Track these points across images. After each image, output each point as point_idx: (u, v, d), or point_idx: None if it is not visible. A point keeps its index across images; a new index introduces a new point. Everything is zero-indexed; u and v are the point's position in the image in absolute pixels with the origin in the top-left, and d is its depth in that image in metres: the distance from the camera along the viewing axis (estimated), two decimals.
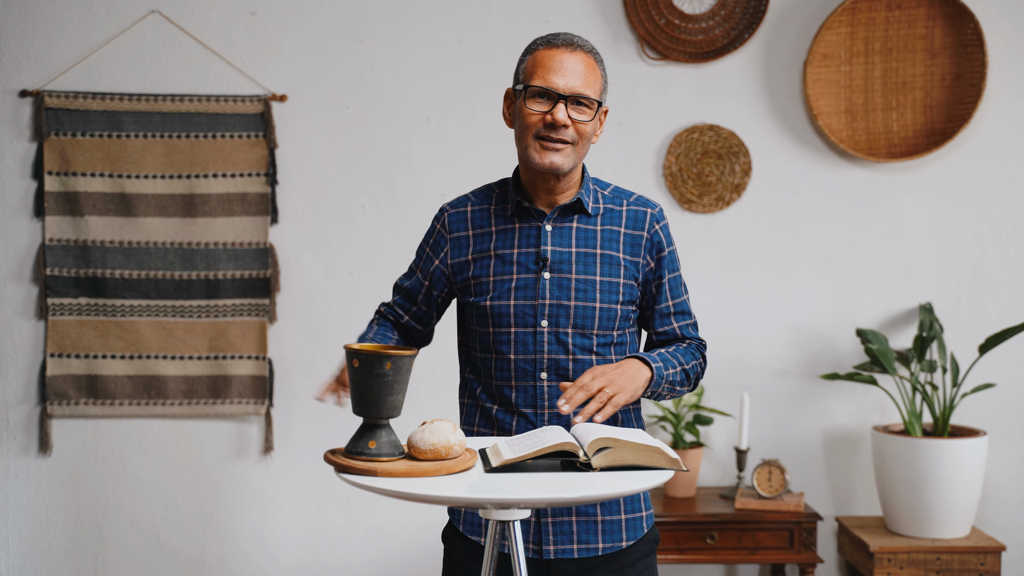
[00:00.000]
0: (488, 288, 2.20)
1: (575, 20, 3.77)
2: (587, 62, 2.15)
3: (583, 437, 1.92)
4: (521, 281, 2.18)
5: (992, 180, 3.81)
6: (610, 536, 2.19)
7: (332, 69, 3.77)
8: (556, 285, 2.18)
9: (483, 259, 2.22)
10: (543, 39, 2.17)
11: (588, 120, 2.15)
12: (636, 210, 2.25)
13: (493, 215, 2.25)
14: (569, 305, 2.17)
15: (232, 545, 3.82)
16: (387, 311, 2.35)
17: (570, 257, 2.19)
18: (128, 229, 3.72)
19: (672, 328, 2.27)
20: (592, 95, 2.14)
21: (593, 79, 2.15)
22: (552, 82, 2.12)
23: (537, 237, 2.20)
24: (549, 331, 2.17)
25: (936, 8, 3.71)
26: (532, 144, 2.14)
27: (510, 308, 2.18)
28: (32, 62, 3.71)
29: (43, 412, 3.74)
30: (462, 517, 2.23)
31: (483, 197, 2.28)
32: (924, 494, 3.50)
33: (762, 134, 3.80)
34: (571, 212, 2.22)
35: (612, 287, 2.19)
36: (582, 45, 2.16)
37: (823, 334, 3.83)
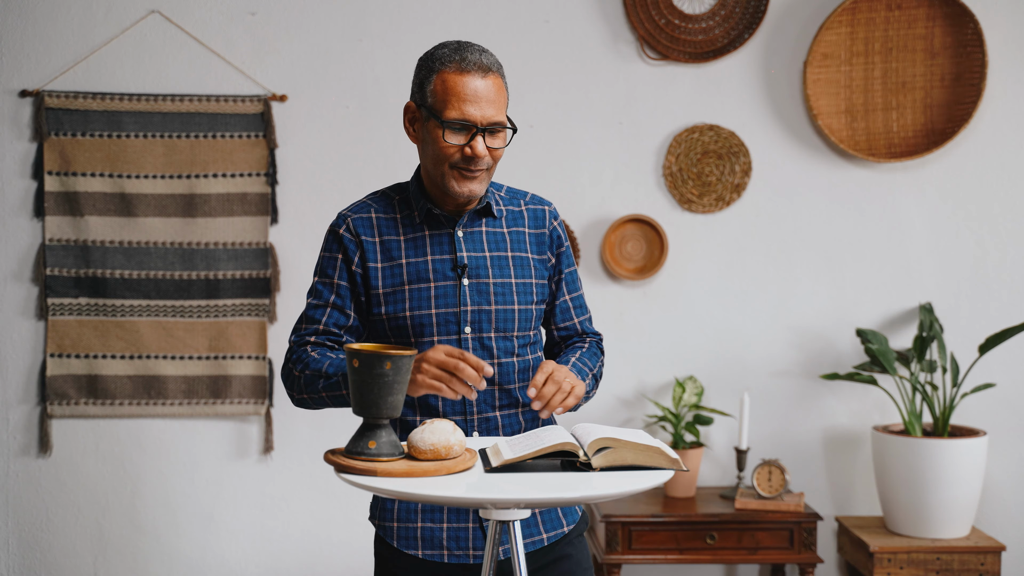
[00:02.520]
0: (404, 297, 2.16)
1: (575, 20, 3.77)
2: (497, 84, 2.09)
3: (583, 437, 1.92)
4: (440, 289, 2.16)
5: (992, 180, 3.81)
6: (551, 524, 2.20)
7: (332, 69, 3.78)
8: (476, 291, 2.17)
9: (393, 268, 2.17)
10: (449, 59, 2.09)
11: (503, 145, 2.13)
12: (535, 208, 2.27)
13: (400, 223, 2.20)
14: (490, 310, 2.17)
15: (232, 545, 3.82)
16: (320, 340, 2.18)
17: (485, 262, 2.19)
18: (128, 229, 3.72)
19: (572, 323, 2.30)
20: (504, 120, 2.11)
21: (502, 99, 2.11)
22: (469, 114, 2.06)
23: (451, 243, 2.18)
24: (473, 337, 2.16)
25: (936, 8, 3.71)
26: (449, 173, 2.11)
27: (432, 317, 2.15)
28: (32, 62, 3.71)
29: (43, 412, 3.74)
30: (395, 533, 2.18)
31: (384, 204, 2.22)
32: (924, 494, 3.50)
33: (762, 134, 3.80)
34: (478, 216, 2.21)
35: (527, 288, 2.20)
36: (490, 66, 2.09)
37: (823, 334, 3.83)
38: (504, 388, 2.19)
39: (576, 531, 2.25)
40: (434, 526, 2.16)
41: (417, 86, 2.15)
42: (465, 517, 2.16)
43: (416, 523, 2.17)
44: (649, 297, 3.83)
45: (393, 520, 2.19)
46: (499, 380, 2.17)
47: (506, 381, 2.19)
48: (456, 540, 2.15)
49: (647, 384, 3.83)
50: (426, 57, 2.15)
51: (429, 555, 2.16)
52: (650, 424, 3.81)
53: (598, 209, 3.80)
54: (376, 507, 2.22)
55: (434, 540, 2.16)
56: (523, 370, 2.21)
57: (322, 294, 2.20)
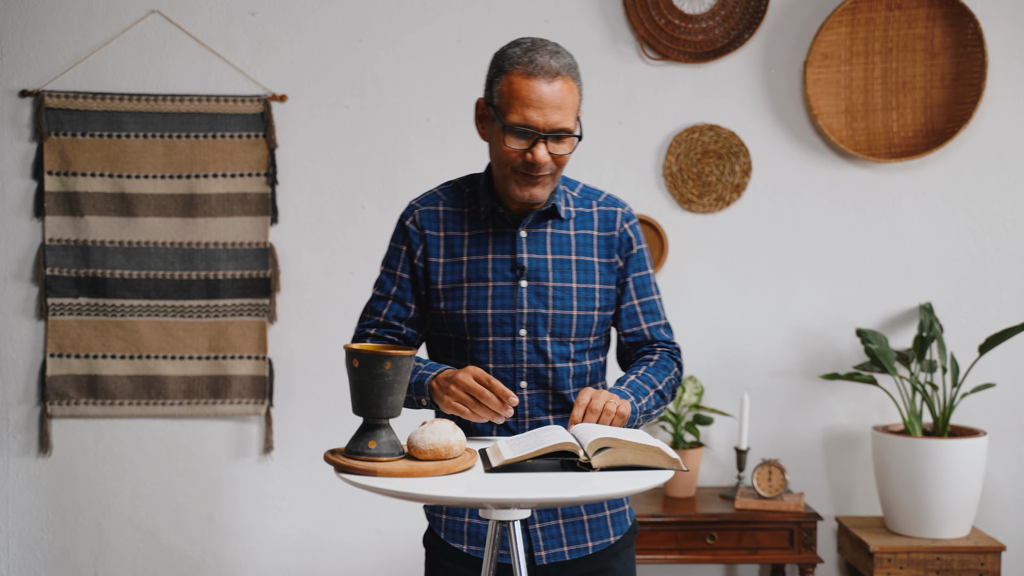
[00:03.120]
0: (462, 295, 2.16)
1: (575, 20, 3.77)
2: (565, 87, 2.04)
3: (583, 437, 1.92)
4: (498, 289, 2.15)
5: (992, 180, 3.81)
6: (598, 533, 2.19)
7: (332, 69, 3.78)
8: (533, 293, 2.15)
9: (454, 264, 2.17)
10: (519, 60, 2.04)
11: (569, 151, 2.08)
12: (607, 210, 2.22)
13: (465, 218, 2.19)
14: (547, 313, 2.14)
15: (232, 545, 3.82)
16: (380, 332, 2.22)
17: (546, 264, 2.16)
18: (128, 229, 3.72)
19: (641, 329, 2.23)
20: (572, 125, 2.06)
21: (572, 103, 2.05)
22: (532, 120, 2.02)
23: (512, 244, 2.16)
24: (528, 340, 2.14)
25: (936, 8, 3.71)
26: (511, 176, 2.08)
27: (487, 317, 2.14)
28: (32, 62, 3.71)
29: (43, 412, 3.74)
30: (443, 525, 2.21)
31: (453, 197, 2.21)
32: (924, 494, 3.50)
33: (762, 134, 3.80)
34: (544, 217, 2.18)
35: (588, 293, 2.17)
36: (560, 70, 2.04)
37: (823, 334, 3.83)
38: (557, 393, 2.17)
39: (623, 542, 2.22)
40: (480, 523, 2.16)
41: (487, 84, 2.11)
42: None
43: (464, 518, 2.18)
44: None
45: (443, 512, 2.20)
46: (553, 384, 2.16)
47: (560, 386, 2.16)
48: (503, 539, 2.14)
49: None
50: (498, 55, 2.10)
51: (474, 551, 2.16)
52: (650, 424, 3.81)
53: None
54: None
55: (480, 536, 2.16)
56: (578, 376, 2.18)
57: (384, 285, 2.22)
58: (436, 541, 2.23)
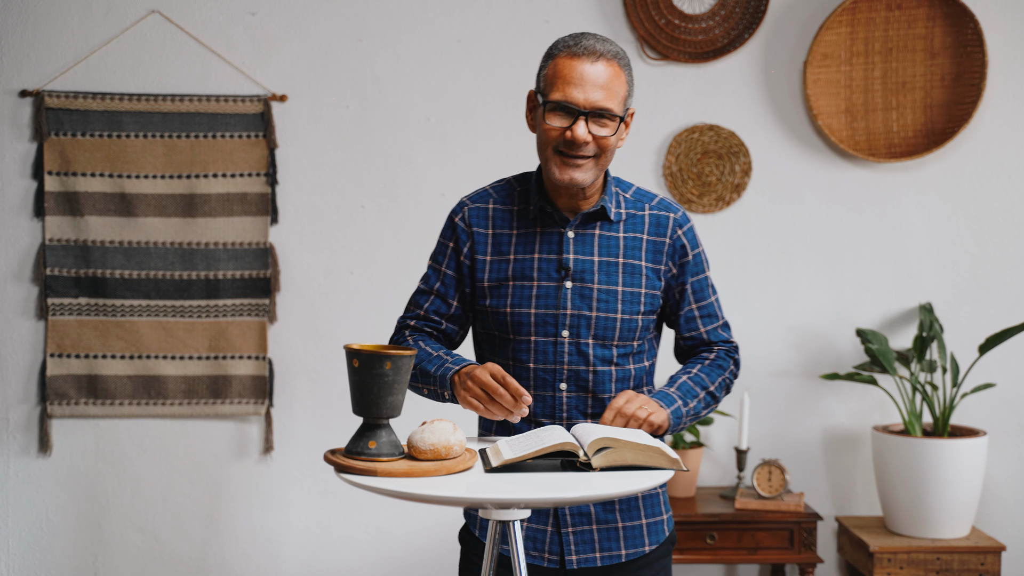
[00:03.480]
0: (507, 293, 2.15)
1: (575, 20, 3.77)
2: (611, 71, 2.04)
3: (583, 437, 1.92)
4: (542, 289, 2.14)
5: (992, 180, 3.81)
6: (633, 542, 2.16)
7: (332, 69, 3.78)
8: (578, 295, 2.13)
9: (501, 262, 2.17)
10: (564, 44, 2.07)
11: (610, 134, 2.06)
12: (659, 215, 2.19)
13: (515, 216, 2.18)
14: (591, 316, 2.13)
15: (232, 545, 3.82)
16: (420, 324, 2.23)
17: (592, 266, 2.14)
18: (128, 229, 3.72)
19: (699, 333, 2.22)
20: (615, 108, 2.05)
21: (617, 88, 2.05)
22: (572, 96, 2.03)
23: (559, 244, 2.15)
24: (570, 341, 2.13)
25: (936, 8, 3.71)
26: (552, 158, 2.07)
27: (530, 316, 2.13)
28: (32, 62, 3.71)
29: (43, 412, 3.74)
30: (478, 522, 2.21)
31: (504, 195, 2.21)
32: (924, 494, 3.50)
33: (762, 134, 3.80)
34: (594, 218, 2.16)
35: (634, 297, 2.15)
36: (604, 53, 2.05)
37: (823, 334, 3.83)
38: (598, 396, 2.15)
39: (659, 552, 2.20)
40: None
41: (536, 75, 2.13)
42: (545, 519, 2.14)
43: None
44: None
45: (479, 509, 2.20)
46: (593, 388, 2.15)
47: (601, 390, 2.15)
48: (533, 541, 2.14)
49: None
50: (549, 47, 2.13)
51: (506, 551, 2.15)
52: None
53: None
54: None
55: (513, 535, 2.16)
56: (621, 380, 2.17)
57: (429, 280, 2.23)
58: (471, 538, 2.22)
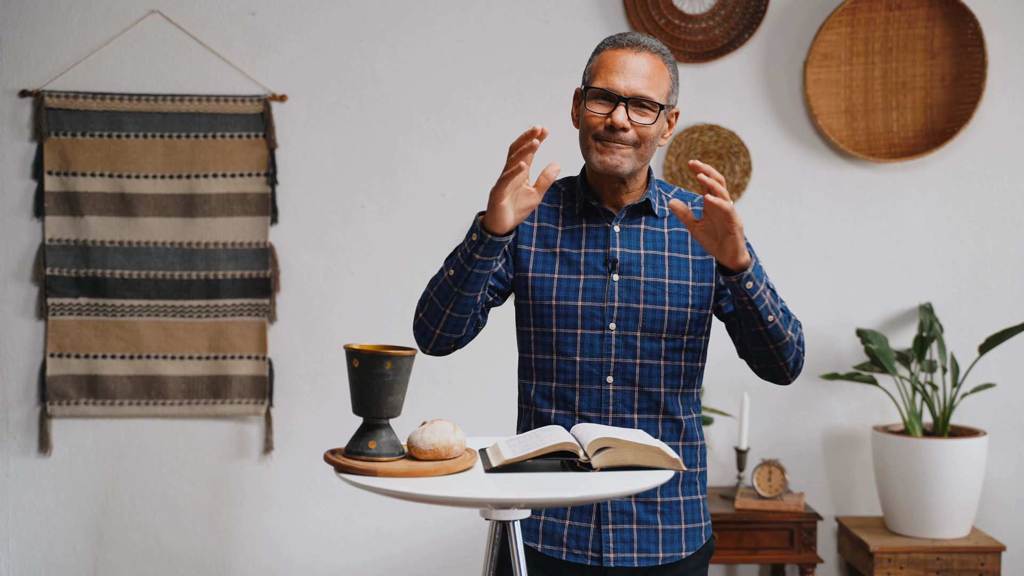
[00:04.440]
0: (553, 287, 2.15)
1: (575, 20, 3.77)
2: (653, 63, 2.10)
3: (583, 437, 1.92)
4: (589, 282, 2.14)
5: (992, 180, 3.81)
6: (670, 546, 2.16)
7: (332, 69, 3.78)
8: (625, 287, 2.14)
9: (547, 255, 2.17)
10: (611, 39, 2.13)
11: (650, 123, 2.09)
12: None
13: (560, 213, 2.20)
14: (638, 308, 2.13)
15: (232, 545, 3.82)
16: None
17: (639, 259, 2.15)
18: (128, 229, 3.72)
19: None
20: (655, 97, 2.09)
21: (659, 80, 2.10)
22: (613, 83, 2.08)
23: (605, 238, 2.16)
24: (617, 334, 2.13)
25: (936, 8, 3.71)
26: (592, 145, 2.11)
27: (577, 309, 2.13)
28: (32, 62, 3.71)
29: (43, 412, 3.74)
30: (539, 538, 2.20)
31: (549, 194, 2.23)
32: (924, 494, 3.50)
33: (762, 134, 3.80)
34: (639, 213, 2.18)
35: (682, 290, 2.15)
36: (648, 46, 2.10)
37: (823, 334, 3.83)
38: (645, 391, 2.15)
39: (696, 560, 2.19)
40: (556, 521, 2.15)
41: (584, 72, 2.18)
42: (588, 516, 2.14)
43: (540, 516, 2.16)
44: None
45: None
46: (640, 382, 2.14)
47: (648, 384, 2.15)
48: (576, 539, 2.13)
49: None
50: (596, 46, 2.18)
51: (548, 550, 2.15)
52: None
53: None
54: None
55: (554, 536, 2.15)
56: (670, 375, 2.16)
57: None
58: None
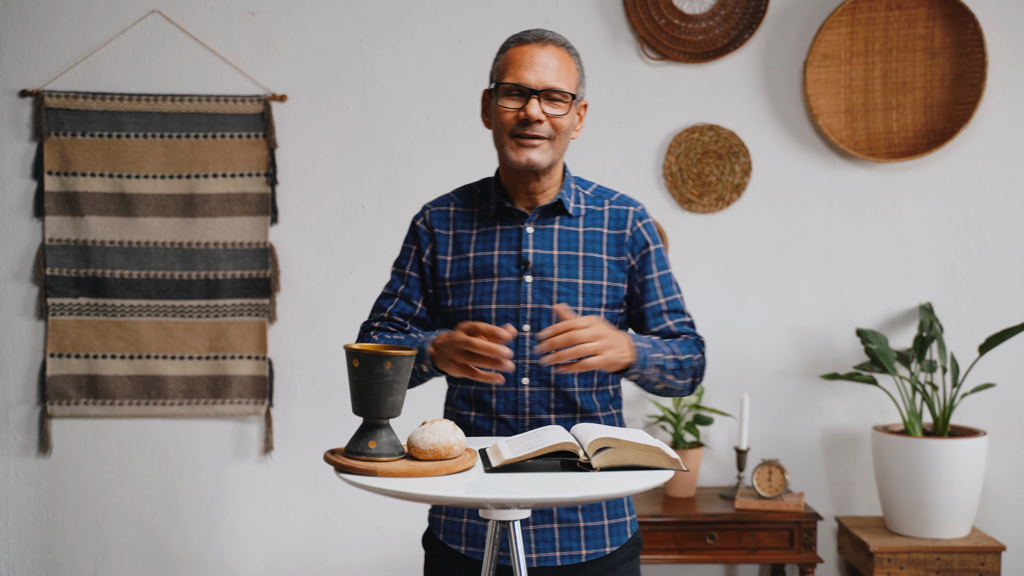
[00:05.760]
0: (468, 291, 2.16)
1: (575, 20, 3.77)
2: (560, 55, 2.12)
3: (583, 437, 1.92)
4: (502, 285, 2.15)
5: (992, 180, 3.81)
6: (593, 542, 2.17)
7: (332, 69, 3.78)
8: (538, 288, 2.14)
9: (462, 261, 2.18)
10: (515, 37, 2.15)
11: (563, 114, 2.11)
12: (618, 209, 2.22)
13: (475, 216, 2.21)
14: (551, 309, 2.13)
15: (232, 545, 3.82)
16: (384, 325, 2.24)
17: (552, 260, 2.16)
18: (128, 229, 3.73)
19: (667, 327, 2.22)
20: (566, 88, 2.11)
21: (567, 72, 2.12)
22: (523, 77, 2.09)
23: (518, 239, 2.17)
24: (532, 335, 2.13)
25: (936, 8, 3.71)
26: (508, 142, 2.12)
27: (492, 312, 2.14)
28: (32, 62, 3.71)
29: (43, 412, 3.74)
30: (442, 526, 2.21)
31: (465, 198, 2.25)
32: (924, 494, 3.50)
33: (762, 134, 3.80)
34: (552, 213, 2.19)
35: (595, 290, 2.16)
36: (554, 39, 2.12)
37: (823, 334, 3.83)
38: (560, 391, 2.15)
39: (623, 555, 2.20)
40: (479, 523, 2.16)
41: (490, 72, 2.19)
42: None
43: (463, 518, 2.17)
44: None
45: (442, 513, 2.20)
46: (555, 382, 2.15)
47: (562, 384, 2.15)
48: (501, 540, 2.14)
49: None
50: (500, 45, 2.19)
51: (471, 552, 2.16)
52: (650, 424, 3.81)
53: None
54: None
55: (477, 538, 2.15)
56: (584, 375, 2.16)
57: (393, 283, 2.25)
58: (435, 543, 2.23)
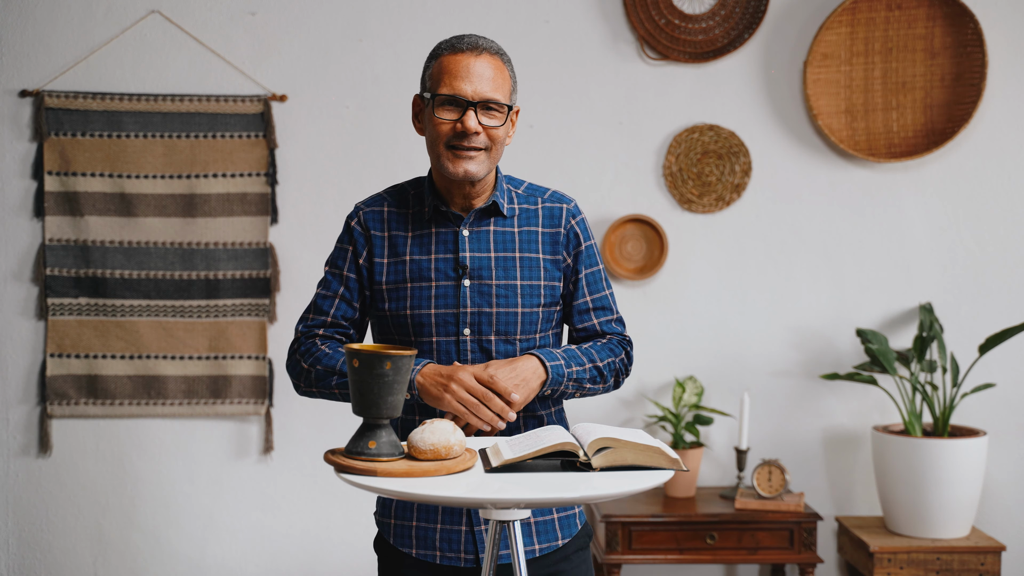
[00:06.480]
0: (406, 295, 2.15)
1: (575, 20, 3.77)
2: (494, 65, 2.09)
3: (583, 437, 1.92)
4: (441, 289, 2.14)
5: (992, 180, 3.81)
6: (545, 536, 2.17)
7: (332, 69, 3.78)
8: (477, 292, 2.14)
9: (398, 264, 2.17)
10: (447, 43, 2.11)
11: (499, 125, 2.10)
12: (552, 207, 2.21)
13: (410, 218, 2.19)
14: (491, 312, 2.14)
15: (232, 545, 3.82)
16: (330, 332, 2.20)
17: (489, 263, 2.15)
18: (128, 229, 3.72)
19: (592, 324, 2.23)
20: (502, 99, 2.09)
21: (501, 81, 2.10)
22: (460, 89, 2.06)
23: (455, 243, 2.16)
24: (472, 339, 2.14)
25: (936, 8, 3.71)
26: (444, 153, 2.09)
27: (431, 317, 2.13)
28: (32, 62, 3.71)
29: (43, 412, 3.74)
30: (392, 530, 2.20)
31: (398, 199, 2.22)
32: (924, 494, 3.50)
33: (762, 134, 3.80)
34: (487, 215, 2.18)
35: (533, 290, 2.16)
36: (488, 47, 2.10)
37: (823, 334, 3.83)
38: None
39: (574, 545, 2.21)
40: (428, 526, 2.16)
41: (421, 79, 2.16)
42: (458, 519, 2.15)
43: (411, 522, 2.17)
44: (649, 297, 3.83)
45: (391, 517, 2.20)
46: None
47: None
48: (448, 542, 2.14)
49: (647, 384, 3.83)
50: (431, 50, 2.15)
51: (422, 555, 2.16)
52: (650, 424, 3.81)
53: (598, 209, 3.80)
54: (379, 503, 2.22)
55: (427, 540, 2.15)
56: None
57: (331, 285, 2.21)
58: (385, 547, 2.22)
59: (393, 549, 2.20)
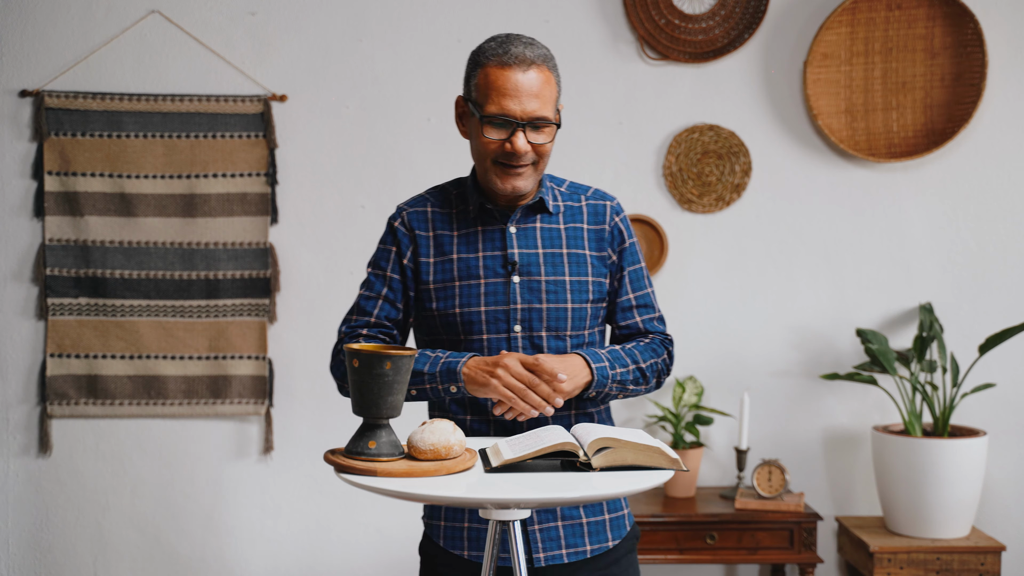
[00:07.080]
0: (454, 294, 2.15)
1: (575, 20, 3.77)
2: (541, 77, 2.06)
3: (583, 437, 1.92)
4: (490, 286, 2.14)
5: (992, 180, 3.81)
6: (596, 537, 2.17)
7: (332, 69, 3.78)
8: (526, 288, 2.14)
9: (445, 263, 2.16)
10: (493, 52, 2.06)
11: (548, 140, 2.08)
12: (596, 204, 2.22)
13: (454, 218, 2.19)
14: (541, 308, 2.14)
15: (232, 545, 3.82)
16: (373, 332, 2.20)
17: (538, 259, 2.15)
18: (128, 229, 3.73)
19: (635, 322, 2.23)
20: (550, 115, 2.07)
21: (548, 93, 2.07)
22: (508, 108, 2.04)
23: (502, 240, 2.16)
24: (523, 335, 2.13)
25: (936, 8, 3.71)
26: (492, 168, 2.09)
27: (481, 315, 2.13)
28: (32, 62, 3.71)
29: (43, 412, 3.74)
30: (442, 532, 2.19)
31: (441, 199, 2.21)
32: (924, 494, 3.50)
33: (762, 134, 3.80)
34: (533, 212, 2.18)
35: (582, 286, 2.16)
36: (535, 59, 2.05)
37: (823, 334, 3.83)
38: None
39: (624, 548, 2.21)
40: (480, 527, 2.15)
41: (465, 81, 2.13)
42: None
43: (463, 523, 2.16)
44: None
45: (441, 519, 2.19)
46: None
47: None
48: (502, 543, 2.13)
49: None
50: (474, 52, 2.12)
51: (475, 556, 2.15)
52: (650, 424, 3.81)
53: None
54: (427, 506, 2.21)
55: (480, 541, 2.15)
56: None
57: (374, 286, 2.20)
58: (435, 549, 2.22)
59: (442, 551, 2.19)
